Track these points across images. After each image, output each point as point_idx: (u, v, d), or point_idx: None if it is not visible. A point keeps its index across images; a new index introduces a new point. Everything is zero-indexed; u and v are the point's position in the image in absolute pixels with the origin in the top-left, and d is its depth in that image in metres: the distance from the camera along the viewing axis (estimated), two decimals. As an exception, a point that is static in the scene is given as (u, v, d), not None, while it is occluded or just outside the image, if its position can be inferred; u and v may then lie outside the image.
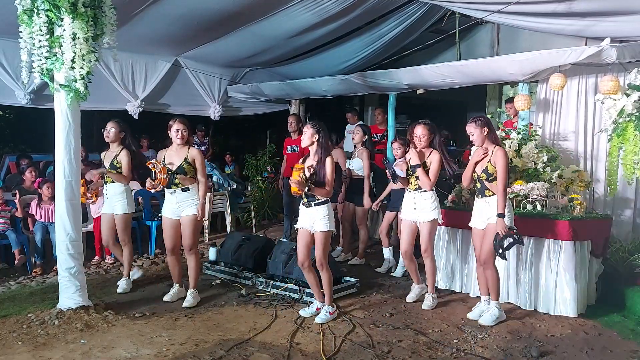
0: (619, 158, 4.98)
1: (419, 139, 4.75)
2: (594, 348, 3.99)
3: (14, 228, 5.99)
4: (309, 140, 4.32)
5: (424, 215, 4.70)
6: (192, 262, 4.86)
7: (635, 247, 5.01)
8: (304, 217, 4.41)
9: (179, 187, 4.70)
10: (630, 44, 5.03)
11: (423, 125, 4.75)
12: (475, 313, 4.52)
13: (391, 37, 7.46)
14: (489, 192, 4.33)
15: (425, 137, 4.73)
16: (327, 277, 4.42)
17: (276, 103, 9.06)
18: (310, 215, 4.35)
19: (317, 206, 4.33)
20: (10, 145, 9.74)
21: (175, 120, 4.78)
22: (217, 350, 3.80)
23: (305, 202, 4.37)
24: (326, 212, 4.32)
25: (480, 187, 4.41)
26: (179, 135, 4.71)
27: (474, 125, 4.36)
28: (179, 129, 4.71)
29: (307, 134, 4.33)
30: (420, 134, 4.73)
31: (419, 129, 4.75)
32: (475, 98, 9.21)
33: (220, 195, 7.63)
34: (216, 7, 5.94)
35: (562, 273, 4.57)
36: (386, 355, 3.80)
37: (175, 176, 4.67)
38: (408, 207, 4.80)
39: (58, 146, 4.29)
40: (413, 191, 4.76)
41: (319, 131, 4.31)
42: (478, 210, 4.46)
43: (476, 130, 4.34)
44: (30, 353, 3.72)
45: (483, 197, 4.38)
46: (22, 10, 4.00)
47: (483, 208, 4.38)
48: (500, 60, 5.80)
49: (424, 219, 4.70)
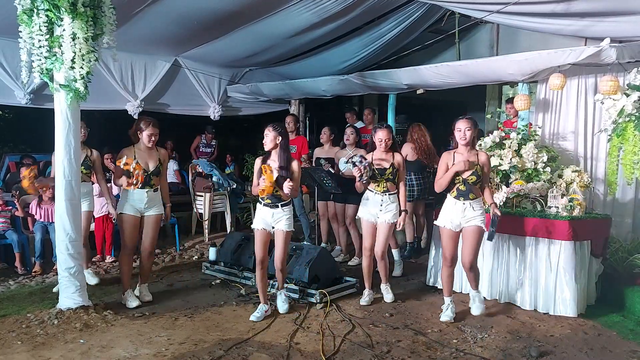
0: (618, 158, 4.98)
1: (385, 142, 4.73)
2: (593, 348, 3.99)
3: (14, 228, 6.00)
4: (271, 143, 4.39)
5: (388, 216, 4.73)
6: (150, 261, 5.01)
7: (634, 247, 5.01)
8: (264, 217, 4.47)
9: (152, 188, 4.77)
10: (630, 44, 5.03)
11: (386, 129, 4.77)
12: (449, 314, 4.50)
13: (391, 37, 7.47)
14: (473, 195, 4.33)
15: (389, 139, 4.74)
16: (284, 275, 4.67)
17: (276, 103, 9.06)
18: (274, 215, 4.43)
19: (284, 207, 4.45)
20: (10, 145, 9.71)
21: (149, 125, 4.72)
22: (216, 350, 3.80)
23: (270, 202, 4.43)
24: (290, 213, 4.50)
25: (464, 190, 4.35)
26: (152, 139, 4.73)
27: (472, 123, 4.34)
28: (153, 133, 4.72)
29: (269, 136, 4.39)
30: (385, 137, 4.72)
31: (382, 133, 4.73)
32: (475, 98, 9.21)
33: (220, 195, 7.63)
34: (216, 7, 5.95)
35: (561, 273, 4.57)
36: (385, 355, 3.80)
37: (152, 177, 4.75)
38: (373, 208, 4.77)
39: (58, 146, 4.30)
40: (380, 193, 4.75)
41: (281, 133, 4.40)
42: (454, 212, 4.39)
43: (472, 130, 4.32)
44: (30, 353, 3.72)
45: (467, 200, 4.34)
46: (21, 10, 4.01)
47: (464, 212, 4.35)
48: (499, 60, 5.80)
49: (387, 220, 4.73)
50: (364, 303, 4.84)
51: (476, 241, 4.39)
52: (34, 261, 5.95)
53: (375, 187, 4.77)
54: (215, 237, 7.47)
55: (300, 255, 5.22)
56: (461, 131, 4.33)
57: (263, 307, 4.51)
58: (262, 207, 4.49)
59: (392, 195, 4.78)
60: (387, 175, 4.73)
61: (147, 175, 4.71)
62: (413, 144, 6.33)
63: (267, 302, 4.55)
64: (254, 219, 4.55)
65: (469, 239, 4.39)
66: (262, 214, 4.49)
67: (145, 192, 4.73)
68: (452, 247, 4.47)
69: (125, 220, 4.74)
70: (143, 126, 4.73)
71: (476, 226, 4.35)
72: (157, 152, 4.84)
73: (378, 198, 4.76)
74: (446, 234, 4.47)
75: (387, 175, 4.73)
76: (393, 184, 4.78)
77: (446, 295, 4.58)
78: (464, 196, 4.36)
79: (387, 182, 4.75)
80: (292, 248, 5.35)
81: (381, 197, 4.75)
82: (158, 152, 4.85)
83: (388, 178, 4.74)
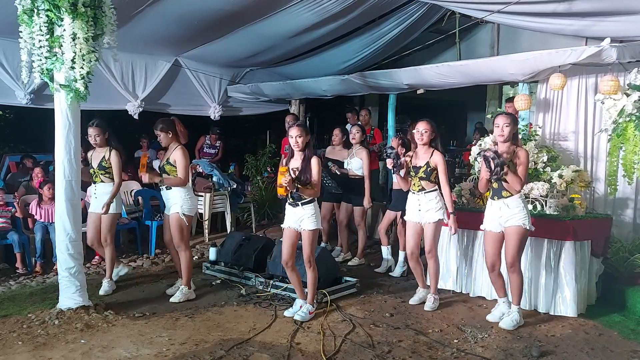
0: (619, 158, 4.98)
1: (421, 134, 4.66)
2: (594, 348, 3.99)
3: (14, 228, 6.00)
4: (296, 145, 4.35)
5: (429, 216, 4.66)
6: (182, 259, 5.01)
7: (635, 247, 5.01)
8: (290, 216, 4.44)
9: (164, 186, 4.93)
10: (630, 44, 5.03)
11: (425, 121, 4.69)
12: (495, 315, 4.47)
13: (391, 37, 7.46)
14: (507, 192, 4.22)
15: (427, 132, 4.65)
16: (313, 276, 4.49)
17: (276, 103, 9.06)
18: (297, 214, 4.38)
19: (304, 205, 4.36)
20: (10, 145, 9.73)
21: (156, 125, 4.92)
22: (217, 350, 3.80)
23: (292, 201, 4.39)
24: (313, 211, 4.38)
25: (497, 188, 4.28)
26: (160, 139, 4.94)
27: (510, 119, 4.20)
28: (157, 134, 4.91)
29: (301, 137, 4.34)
30: (423, 129, 4.65)
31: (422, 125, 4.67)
32: (475, 98, 9.23)
33: (220, 195, 7.63)
34: (216, 7, 5.94)
35: (562, 273, 4.57)
36: (386, 355, 3.80)
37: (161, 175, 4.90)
38: (412, 208, 4.75)
39: (58, 146, 4.29)
40: (417, 192, 4.70)
41: (308, 133, 4.37)
42: (493, 212, 4.32)
43: (511, 125, 4.17)
44: (31, 353, 3.72)
45: (500, 199, 4.25)
46: (22, 10, 4.00)
47: (499, 210, 4.26)
48: (500, 60, 5.80)
49: (429, 220, 4.66)
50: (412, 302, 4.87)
51: (515, 242, 4.22)
52: (34, 261, 5.96)
53: (412, 187, 4.73)
54: (215, 237, 7.47)
55: (301, 255, 5.20)
56: (499, 127, 4.22)
57: (299, 302, 4.54)
58: (287, 207, 4.47)
59: (430, 192, 4.65)
60: (420, 174, 4.63)
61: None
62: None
63: (303, 296, 4.53)
64: (285, 218, 4.52)
65: (507, 240, 4.27)
66: (287, 212, 4.47)
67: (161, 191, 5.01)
68: (491, 251, 4.35)
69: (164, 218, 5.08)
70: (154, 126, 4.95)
71: (513, 226, 4.21)
72: (172, 152, 4.91)
73: (414, 197, 4.72)
74: (486, 237, 4.40)
75: (420, 173, 4.63)
76: (429, 182, 4.65)
77: (500, 295, 4.49)
78: (497, 194, 4.29)
79: (421, 180, 4.65)
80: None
81: (417, 196, 4.69)
82: (173, 152, 4.91)
83: (422, 177, 4.63)
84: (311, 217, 4.37)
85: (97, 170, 5.15)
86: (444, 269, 5.30)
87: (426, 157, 4.67)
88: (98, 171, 5.15)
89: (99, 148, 5.19)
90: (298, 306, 4.53)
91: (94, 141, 5.14)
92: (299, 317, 4.41)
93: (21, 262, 5.85)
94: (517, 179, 4.14)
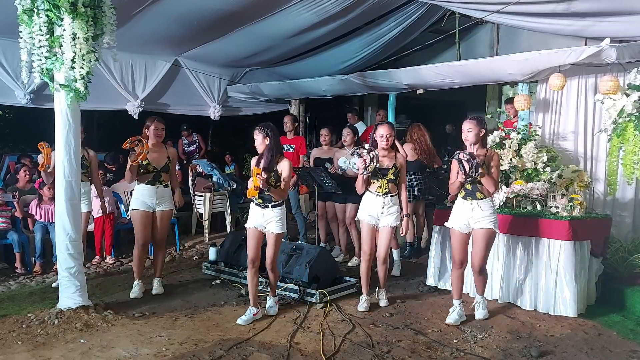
0: (618, 158, 4.98)
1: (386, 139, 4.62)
2: (593, 348, 3.99)
3: (14, 228, 6.00)
4: (262, 145, 4.36)
5: (391, 219, 4.63)
6: (161, 255, 5.14)
7: (635, 247, 5.01)
8: (256, 217, 4.41)
9: (162, 184, 4.98)
10: (630, 44, 5.03)
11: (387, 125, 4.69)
12: (455, 317, 4.42)
13: (391, 37, 7.47)
14: (481, 194, 4.27)
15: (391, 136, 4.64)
16: (275, 276, 4.60)
17: (276, 103, 9.06)
18: (265, 215, 4.37)
19: (274, 207, 4.36)
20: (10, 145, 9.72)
21: (154, 120, 5.01)
22: (217, 350, 3.80)
23: (261, 202, 4.37)
24: (280, 214, 4.38)
25: (470, 189, 4.30)
26: (159, 133, 4.99)
27: (475, 123, 4.28)
28: (159, 127, 4.98)
29: (257, 139, 4.38)
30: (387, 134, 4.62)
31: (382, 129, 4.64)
32: (475, 98, 9.22)
33: (220, 195, 7.63)
34: (216, 7, 5.95)
35: (562, 273, 4.57)
36: (386, 355, 3.80)
37: (161, 174, 4.96)
38: (374, 210, 4.65)
39: (58, 146, 4.30)
40: (382, 195, 4.62)
41: (268, 134, 4.35)
42: (463, 212, 4.34)
43: (475, 129, 4.25)
44: (30, 353, 3.72)
45: (474, 200, 4.29)
46: (22, 10, 4.01)
47: (471, 211, 4.29)
48: (499, 60, 5.80)
49: (390, 224, 4.63)
50: (361, 309, 4.66)
51: (484, 244, 4.29)
52: (34, 261, 5.96)
53: (377, 189, 4.64)
54: (215, 237, 7.47)
55: (300, 255, 5.22)
56: (463, 132, 4.32)
57: (252, 310, 4.40)
58: (254, 207, 4.45)
59: (394, 197, 4.66)
60: (390, 176, 4.61)
61: (156, 171, 4.95)
62: (413, 144, 6.32)
63: (256, 304, 4.46)
64: (248, 218, 4.51)
65: (477, 242, 4.32)
66: (253, 213, 4.45)
67: (156, 188, 4.96)
68: (459, 249, 4.40)
69: (136, 216, 4.95)
70: (149, 122, 5.02)
71: (484, 229, 4.27)
72: (167, 150, 5.09)
73: (379, 200, 4.63)
74: (454, 236, 4.42)
75: (390, 175, 4.61)
76: (395, 185, 4.66)
77: (455, 297, 4.50)
78: (471, 195, 4.31)
79: (389, 183, 4.62)
80: (292, 248, 5.35)
81: (383, 199, 4.62)
82: (167, 150, 5.10)
83: (390, 179, 4.62)
84: (279, 221, 4.37)
85: None
86: (444, 269, 5.30)
87: (391, 158, 4.66)
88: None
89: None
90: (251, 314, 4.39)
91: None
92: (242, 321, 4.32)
93: (20, 262, 5.85)
94: (492, 181, 4.23)
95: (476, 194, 4.28)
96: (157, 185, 4.96)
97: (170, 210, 5.10)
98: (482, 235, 4.29)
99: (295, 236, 7.23)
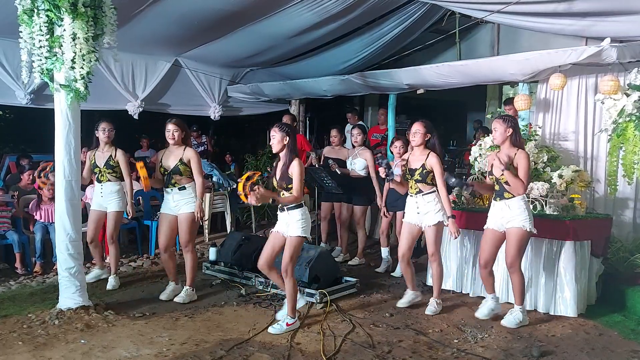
0: (619, 158, 4.98)
1: (413, 135, 4.61)
2: (594, 348, 3.99)
3: (14, 228, 6.00)
4: (279, 144, 4.12)
5: (428, 218, 4.59)
6: (188, 260, 4.96)
7: (635, 247, 5.01)
8: (279, 220, 4.28)
9: (176, 186, 4.84)
10: (631, 44, 5.03)
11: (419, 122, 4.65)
12: (484, 311, 4.47)
13: (391, 37, 7.47)
14: (509, 194, 4.25)
15: (419, 133, 4.57)
16: (291, 285, 4.20)
17: (276, 103, 9.06)
18: (283, 219, 4.22)
19: (290, 210, 4.16)
20: (10, 146, 9.74)
21: (170, 121, 4.92)
22: (218, 350, 3.80)
23: (280, 205, 4.24)
24: (300, 217, 4.13)
25: (499, 190, 4.32)
26: (170, 135, 4.86)
27: (501, 121, 4.28)
28: (171, 129, 4.86)
29: (276, 138, 4.12)
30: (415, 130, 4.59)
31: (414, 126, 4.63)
32: (475, 98, 9.24)
33: (220, 195, 7.63)
34: (216, 7, 5.95)
35: (562, 273, 4.57)
36: (386, 355, 3.80)
37: (172, 176, 4.83)
38: (411, 211, 4.69)
39: (58, 146, 4.29)
40: (414, 195, 4.65)
41: (289, 134, 4.13)
42: (496, 212, 4.36)
43: (501, 127, 4.25)
44: (31, 353, 3.72)
45: (502, 200, 4.29)
46: (22, 10, 4.00)
47: (501, 211, 4.29)
48: (500, 60, 5.80)
49: (429, 223, 4.60)
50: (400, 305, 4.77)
51: (514, 243, 4.24)
52: (34, 261, 5.95)
53: (410, 189, 4.68)
54: (215, 237, 7.46)
55: (300, 255, 5.21)
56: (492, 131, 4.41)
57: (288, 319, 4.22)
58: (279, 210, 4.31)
59: (428, 194, 4.58)
60: (416, 176, 4.57)
61: (167, 174, 4.85)
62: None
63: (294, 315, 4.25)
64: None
65: (508, 241, 4.30)
66: (279, 216, 4.31)
67: (170, 191, 4.86)
68: (486, 248, 4.39)
69: (160, 218, 5.02)
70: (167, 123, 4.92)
71: (514, 228, 4.23)
72: (183, 152, 4.87)
73: (413, 200, 4.65)
74: (486, 234, 4.44)
75: (416, 176, 4.57)
76: (425, 184, 4.57)
77: (488, 292, 4.53)
78: (500, 196, 4.32)
79: (417, 183, 4.59)
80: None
81: (415, 198, 4.63)
82: (184, 152, 4.87)
83: (417, 179, 4.57)
84: (297, 223, 4.13)
85: (105, 169, 5.30)
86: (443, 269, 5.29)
87: (422, 159, 4.59)
88: (105, 170, 5.30)
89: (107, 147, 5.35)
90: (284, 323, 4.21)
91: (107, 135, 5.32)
92: (275, 330, 4.15)
93: (20, 262, 5.84)
94: (519, 182, 4.17)
95: (504, 194, 4.29)
96: (170, 187, 4.83)
97: (190, 213, 4.81)
98: (511, 234, 4.26)
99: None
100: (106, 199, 5.34)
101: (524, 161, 4.20)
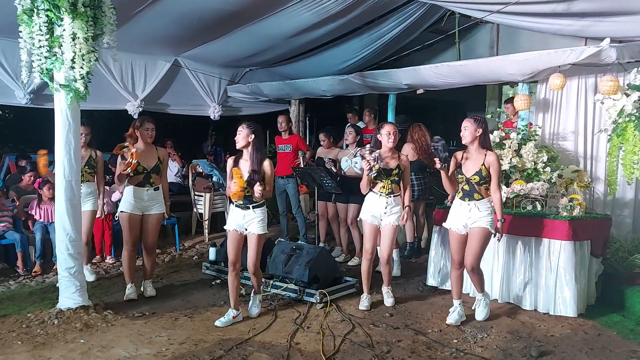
0: (618, 158, 4.98)
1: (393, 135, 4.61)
2: (593, 348, 3.99)
3: (14, 228, 6.00)
4: (243, 140, 4.21)
5: (392, 219, 4.64)
6: (152, 259, 5.10)
7: (635, 247, 5.01)
8: (236, 219, 4.30)
9: (152, 186, 4.88)
10: (630, 44, 5.03)
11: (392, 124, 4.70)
12: (455, 317, 4.41)
13: (391, 37, 7.47)
14: (479, 195, 4.27)
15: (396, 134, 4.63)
16: (258, 279, 4.52)
17: (276, 103, 9.06)
18: (246, 217, 4.26)
19: (255, 208, 4.25)
20: (10, 145, 9.73)
21: (144, 120, 4.92)
22: (217, 350, 3.80)
23: (241, 204, 4.26)
24: (263, 215, 4.29)
25: (468, 190, 4.30)
26: (149, 134, 4.88)
27: (472, 121, 4.29)
28: (149, 127, 4.88)
29: (241, 134, 4.20)
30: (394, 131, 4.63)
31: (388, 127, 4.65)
32: (475, 98, 9.22)
33: (220, 195, 7.63)
34: (216, 7, 5.95)
35: (561, 273, 4.57)
36: (385, 355, 3.80)
37: (151, 175, 4.86)
38: (377, 210, 4.66)
39: (58, 146, 4.29)
40: (385, 195, 4.63)
41: (255, 132, 4.21)
42: (460, 212, 4.35)
43: (471, 127, 4.26)
44: (30, 353, 3.72)
45: (472, 201, 4.28)
46: (22, 10, 4.01)
47: (468, 211, 4.29)
48: (499, 60, 5.80)
49: (392, 222, 4.64)
50: (362, 308, 4.72)
51: (479, 243, 4.28)
52: (34, 261, 5.95)
53: (380, 189, 4.65)
54: (215, 237, 7.46)
55: (300, 255, 5.21)
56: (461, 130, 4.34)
57: (232, 312, 4.35)
58: (234, 208, 4.34)
59: (397, 197, 4.67)
60: (393, 177, 4.62)
61: (146, 172, 4.83)
62: (413, 144, 6.32)
63: (237, 307, 4.39)
64: (227, 221, 4.42)
65: (471, 241, 4.32)
66: (234, 215, 4.33)
67: (146, 191, 4.85)
68: (457, 250, 4.40)
69: (125, 219, 4.86)
70: (139, 123, 4.90)
71: (480, 228, 4.26)
72: (157, 151, 4.97)
73: (383, 200, 4.63)
74: (452, 236, 4.43)
75: (393, 176, 4.62)
76: (398, 186, 4.66)
77: (455, 297, 4.50)
78: (469, 196, 4.31)
79: (393, 183, 4.63)
80: (292, 248, 5.35)
81: (386, 199, 4.63)
82: (157, 151, 4.97)
83: (394, 180, 4.62)
84: (260, 221, 4.26)
85: (86, 168, 5.36)
86: (444, 270, 5.30)
87: (396, 159, 4.65)
88: (87, 170, 5.38)
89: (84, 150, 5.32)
90: (230, 317, 4.34)
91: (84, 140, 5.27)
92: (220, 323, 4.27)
93: (22, 261, 5.84)
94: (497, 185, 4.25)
95: (474, 195, 4.28)
96: (147, 187, 4.83)
97: (160, 214, 4.95)
98: (476, 233, 4.28)
99: (295, 236, 7.23)
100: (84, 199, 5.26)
101: (496, 163, 4.24)
